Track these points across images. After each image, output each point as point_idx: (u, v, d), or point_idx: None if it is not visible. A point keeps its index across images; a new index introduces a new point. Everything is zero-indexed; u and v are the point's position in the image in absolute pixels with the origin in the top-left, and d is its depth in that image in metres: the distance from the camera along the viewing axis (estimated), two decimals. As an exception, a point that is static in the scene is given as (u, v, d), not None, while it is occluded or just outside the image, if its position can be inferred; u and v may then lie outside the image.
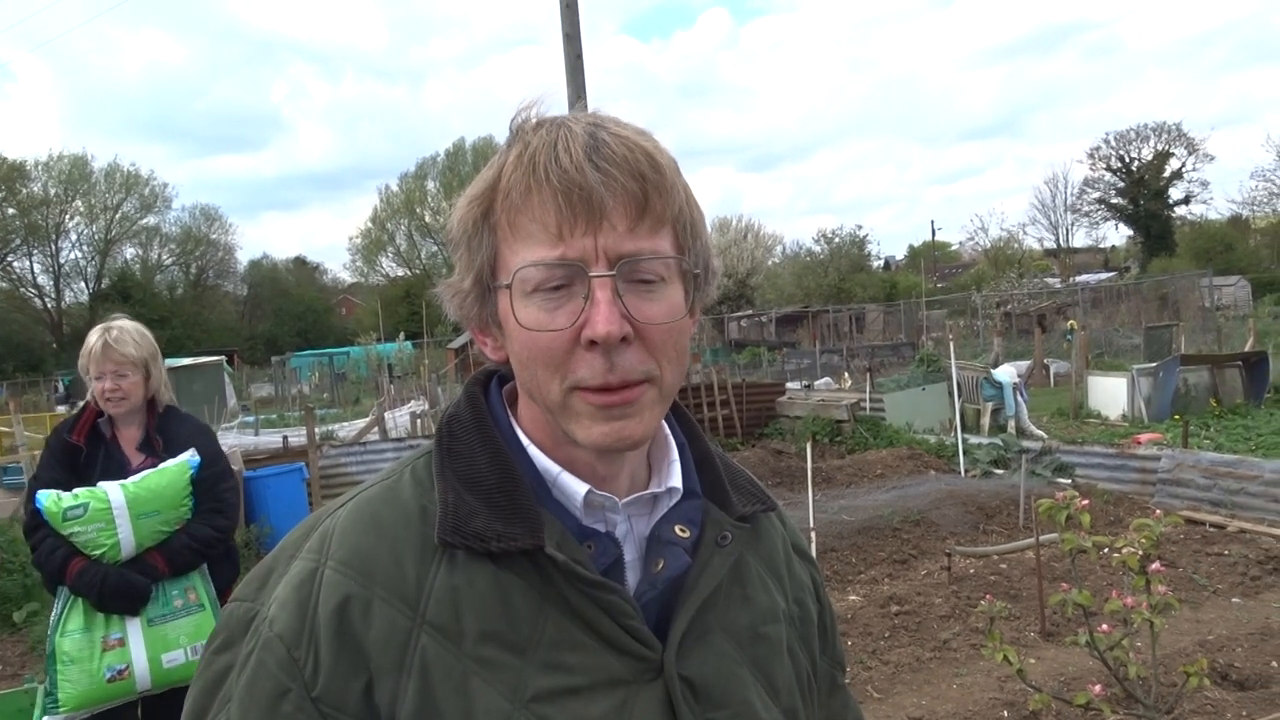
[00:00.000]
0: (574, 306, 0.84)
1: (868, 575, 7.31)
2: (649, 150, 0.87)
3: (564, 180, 0.83)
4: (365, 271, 72.60)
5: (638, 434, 0.87)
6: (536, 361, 0.86)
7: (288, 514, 8.90)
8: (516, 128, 0.90)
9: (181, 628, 3.04)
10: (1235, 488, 8.28)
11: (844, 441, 13.06)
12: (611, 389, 0.85)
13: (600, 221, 0.84)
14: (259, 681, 0.84)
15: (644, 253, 0.85)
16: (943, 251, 73.48)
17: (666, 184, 0.87)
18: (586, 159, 0.83)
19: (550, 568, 0.87)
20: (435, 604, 0.85)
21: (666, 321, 0.87)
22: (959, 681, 5.17)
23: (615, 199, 0.84)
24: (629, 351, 0.84)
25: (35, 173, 57.47)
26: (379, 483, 0.96)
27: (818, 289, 52.74)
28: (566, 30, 10.65)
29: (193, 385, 25.54)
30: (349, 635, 0.84)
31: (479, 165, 18.28)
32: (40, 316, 59.47)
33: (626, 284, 0.85)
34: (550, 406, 0.88)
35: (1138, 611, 3.23)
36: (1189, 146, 61.70)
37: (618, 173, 0.84)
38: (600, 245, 0.84)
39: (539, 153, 0.85)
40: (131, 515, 2.96)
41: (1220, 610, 6.07)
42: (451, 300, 0.95)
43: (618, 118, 0.90)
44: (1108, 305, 37.04)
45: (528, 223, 0.85)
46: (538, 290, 0.85)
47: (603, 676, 0.87)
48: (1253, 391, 14.70)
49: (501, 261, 0.88)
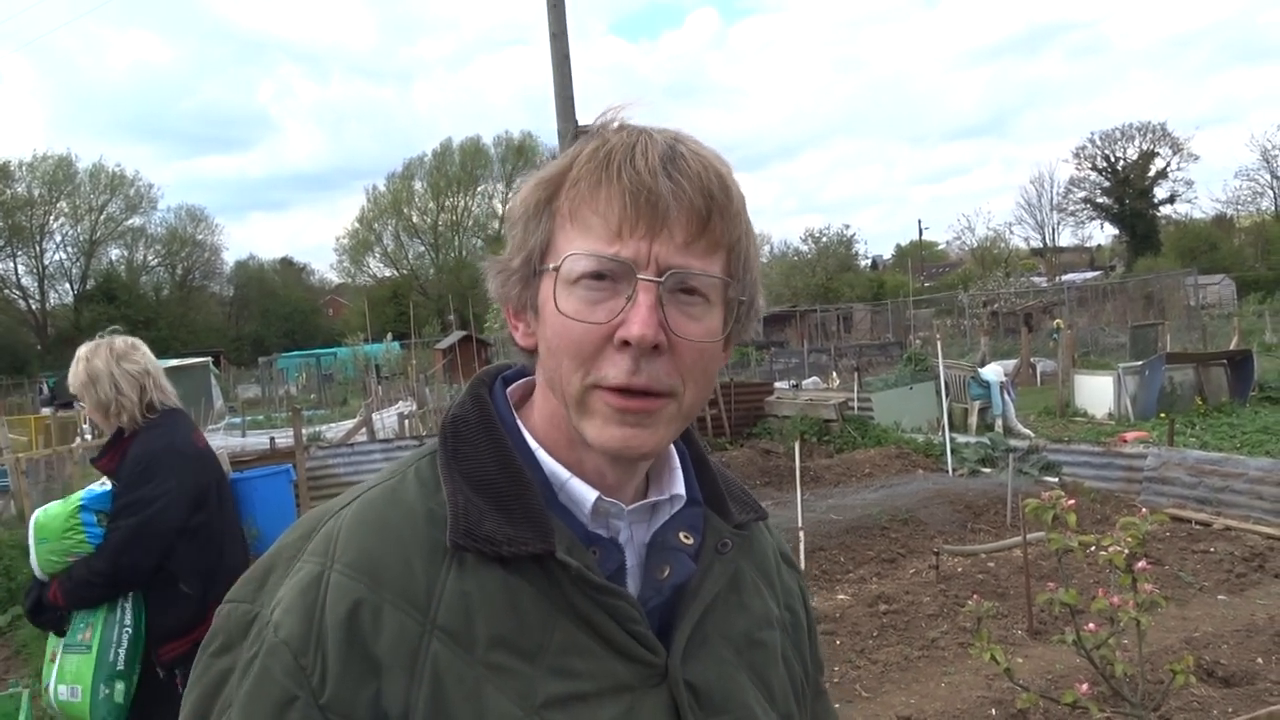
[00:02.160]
0: (615, 304, 0.84)
1: (856, 574, 7.32)
2: (723, 174, 0.88)
3: (634, 181, 0.83)
4: (352, 272, 72.58)
5: (648, 445, 0.87)
6: (565, 351, 0.86)
7: (275, 516, 8.84)
8: (598, 126, 0.90)
9: (68, 663, 2.91)
10: (1221, 485, 8.33)
11: (832, 441, 13.08)
12: (632, 392, 0.84)
13: (660, 229, 0.84)
14: (264, 688, 0.82)
15: (693, 269, 0.85)
16: (930, 251, 73.69)
17: (732, 210, 0.88)
18: (661, 166, 0.84)
19: (559, 573, 0.87)
20: (446, 609, 0.84)
21: (701, 341, 0.87)
22: (947, 680, 5.18)
23: (680, 210, 0.84)
24: (658, 361, 0.84)
25: (19, 173, 57.25)
26: (381, 483, 0.94)
27: (805, 288, 52.91)
28: (553, 30, 10.63)
29: (178, 386, 25.33)
30: (358, 641, 0.82)
31: (466, 165, 18.29)
32: (24, 318, 59.13)
33: (670, 295, 0.85)
34: (568, 400, 0.87)
35: (1124, 610, 3.24)
36: (1173, 146, 62.22)
37: (688, 186, 0.84)
38: (654, 252, 0.84)
39: (616, 150, 0.86)
40: (35, 540, 2.95)
41: (1206, 607, 6.11)
42: (496, 276, 0.94)
43: (699, 139, 0.91)
44: (1093, 304, 37.22)
45: (590, 214, 0.85)
46: (582, 280, 0.85)
47: (609, 682, 0.87)
48: (1238, 390, 14.79)
49: (554, 247, 0.88)
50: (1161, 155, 62.79)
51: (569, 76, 10.71)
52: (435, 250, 68.58)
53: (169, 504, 2.93)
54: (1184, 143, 61.93)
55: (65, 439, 17.96)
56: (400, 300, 57.99)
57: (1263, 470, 8.19)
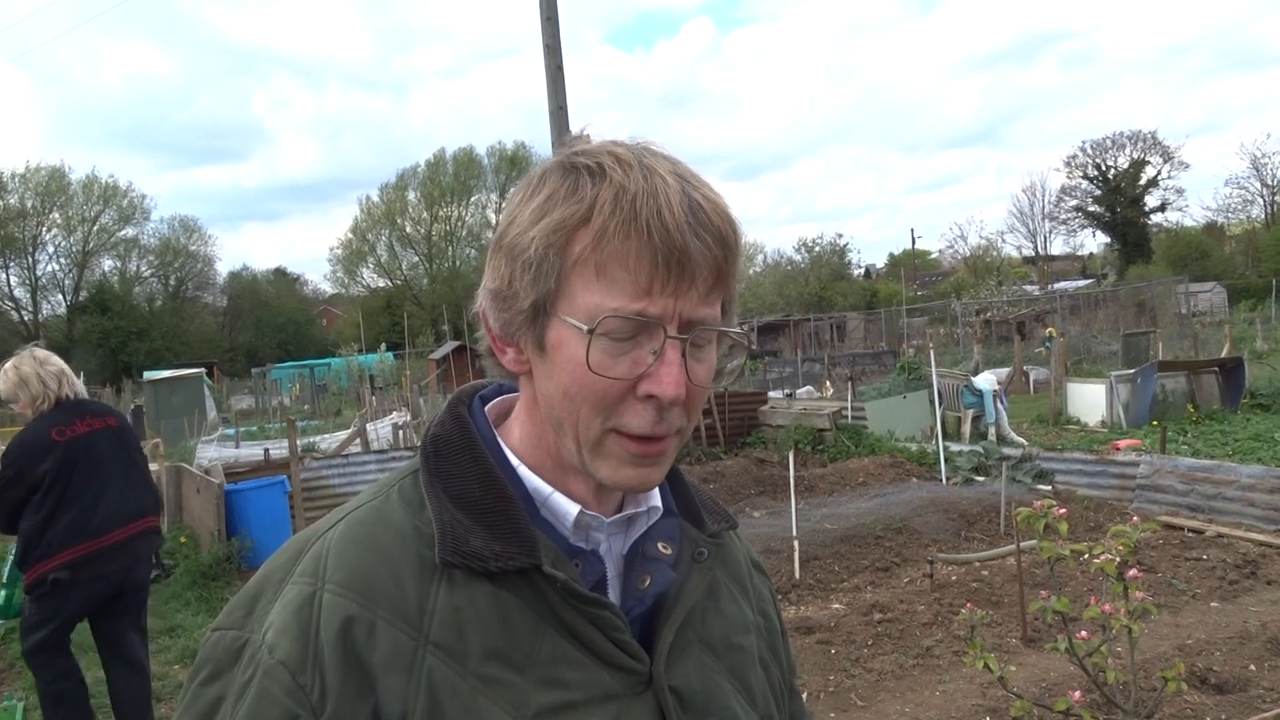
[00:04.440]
0: (638, 356, 0.86)
1: (850, 583, 7.33)
2: (733, 220, 0.89)
3: (665, 240, 0.84)
4: (346, 282, 72.33)
5: (657, 479, 0.93)
6: (586, 400, 0.87)
7: (270, 528, 8.84)
8: (598, 163, 0.87)
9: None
10: (1213, 493, 8.37)
11: (826, 450, 13.09)
12: (654, 439, 0.88)
13: (688, 288, 0.85)
14: (263, 710, 0.83)
15: (709, 321, 0.88)
16: (923, 259, 73.95)
17: (738, 254, 0.90)
18: (687, 222, 0.85)
19: (545, 585, 0.89)
20: (439, 624, 0.86)
21: (706, 384, 0.91)
22: (942, 689, 5.20)
23: (704, 267, 0.86)
24: (675, 408, 0.88)
25: (11, 184, 57.04)
26: (365, 503, 0.95)
27: (799, 297, 53.00)
28: (547, 41, 10.68)
29: (172, 398, 25.37)
30: (354, 657, 0.84)
31: (459, 175, 18.33)
32: (17, 330, 58.75)
33: (690, 347, 0.88)
34: (582, 442, 0.89)
35: (1116, 618, 3.26)
36: (1164, 154, 62.59)
37: (711, 241, 0.86)
38: (679, 307, 0.86)
39: (639, 201, 0.84)
40: None
41: (1199, 614, 6.13)
42: (495, 303, 0.92)
43: (694, 171, 0.91)
44: (1086, 312, 37.36)
45: (618, 270, 0.85)
46: (607, 335, 0.86)
47: (597, 691, 0.89)
48: (1229, 397, 14.85)
49: (569, 294, 0.87)
50: (1152, 163, 63.20)
51: (563, 87, 10.76)
52: (429, 260, 68.47)
53: (9, 482, 4.27)
54: (1174, 151, 62.40)
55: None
56: (394, 310, 57.87)
57: (1254, 477, 8.22)
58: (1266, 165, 59.20)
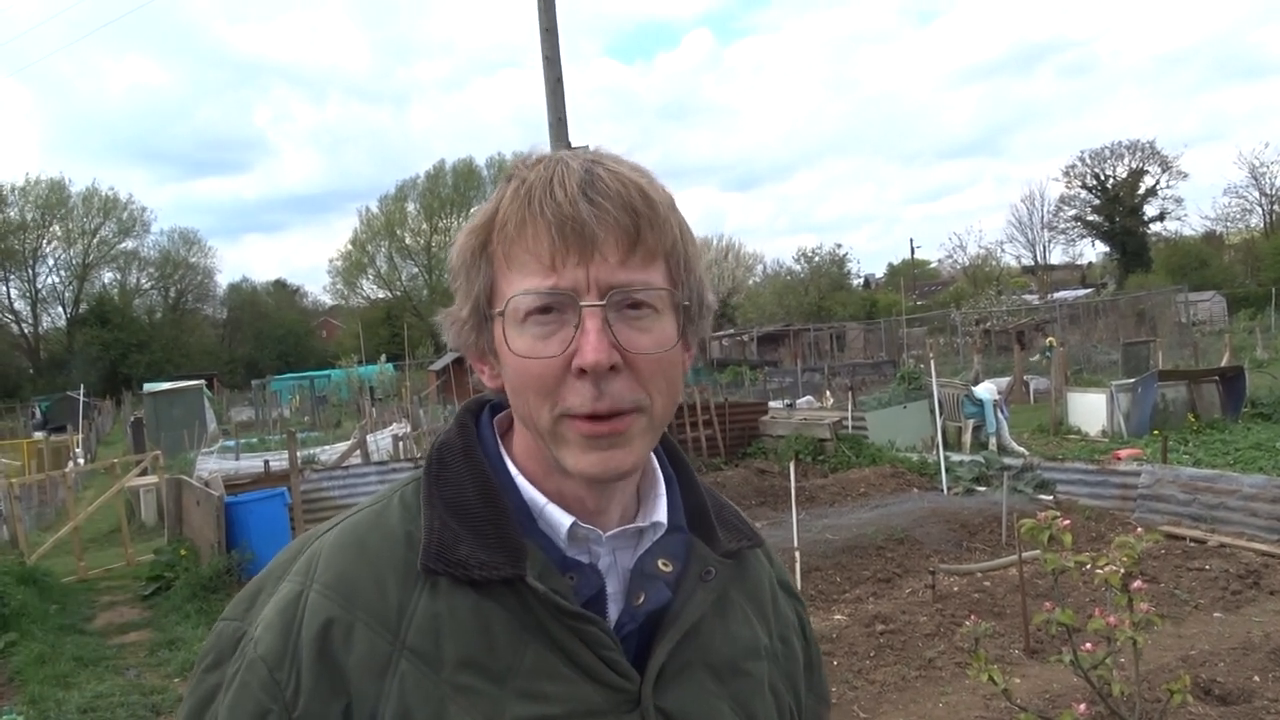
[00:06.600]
0: (565, 335, 0.86)
1: (852, 594, 7.31)
2: (642, 186, 0.89)
3: (557, 213, 0.85)
4: (346, 294, 72.52)
5: (627, 464, 0.89)
6: (529, 388, 0.88)
7: (270, 540, 8.82)
8: (515, 165, 0.93)
9: None
10: (1214, 502, 8.35)
11: (827, 460, 13.08)
12: (600, 417, 0.86)
13: (592, 253, 0.85)
14: (242, 702, 0.85)
15: (635, 284, 0.87)
16: (922, 269, 73.93)
17: (659, 218, 0.89)
18: (580, 193, 0.85)
19: (531, 597, 0.88)
20: (416, 630, 0.87)
21: (656, 352, 0.88)
22: (945, 700, 5.17)
23: (607, 231, 0.85)
24: (618, 380, 0.86)
25: (12, 197, 57.18)
26: (368, 507, 0.97)
27: (798, 307, 53.04)
28: (546, 54, 10.70)
29: (172, 410, 25.29)
30: (330, 658, 0.85)
31: (459, 187, 18.42)
32: (17, 342, 58.94)
33: (617, 314, 0.86)
34: (541, 433, 0.89)
35: (1120, 630, 3.24)
36: (1163, 164, 62.65)
37: (610, 206, 0.86)
38: (592, 276, 0.85)
39: (535, 187, 0.87)
40: None
41: (1202, 625, 6.11)
42: (450, 328, 0.96)
43: (617, 155, 0.92)
44: (1085, 321, 37.36)
45: (522, 253, 0.87)
46: (529, 318, 0.86)
47: (580, 707, 0.88)
48: (1230, 406, 14.84)
49: (497, 291, 0.90)
50: (1151, 173, 63.27)
51: (562, 99, 10.78)
52: (428, 271, 68.52)
53: None
54: (1173, 161, 62.44)
55: (58, 463, 17.89)
56: (394, 322, 57.92)
57: (1256, 487, 8.20)
58: (1265, 174, 59.29)
